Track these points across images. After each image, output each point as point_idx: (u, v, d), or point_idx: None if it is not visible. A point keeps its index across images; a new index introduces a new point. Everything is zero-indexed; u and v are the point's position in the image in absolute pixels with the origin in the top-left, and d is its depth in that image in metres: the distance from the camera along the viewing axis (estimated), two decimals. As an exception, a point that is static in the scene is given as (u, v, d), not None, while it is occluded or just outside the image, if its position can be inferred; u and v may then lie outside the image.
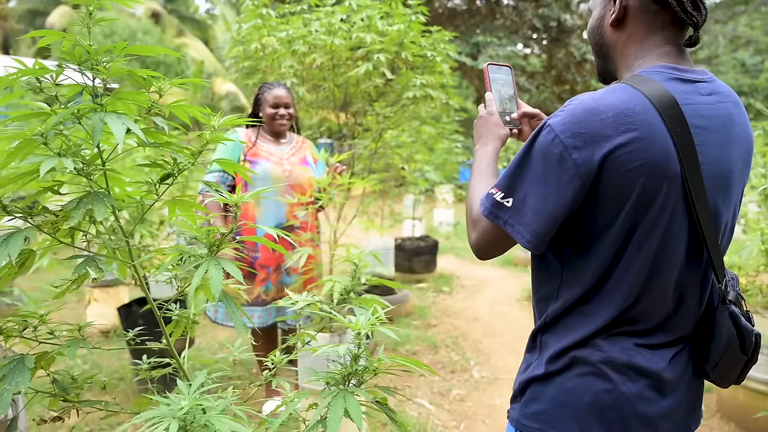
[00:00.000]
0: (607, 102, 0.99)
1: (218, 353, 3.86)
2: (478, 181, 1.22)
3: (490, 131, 1.33)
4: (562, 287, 1.09)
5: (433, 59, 3.40)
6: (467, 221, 1.18)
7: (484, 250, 1.14)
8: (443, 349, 3.97)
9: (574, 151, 0.97)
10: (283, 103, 2.85)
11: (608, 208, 1.00)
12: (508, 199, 1.05)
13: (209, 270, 1.08)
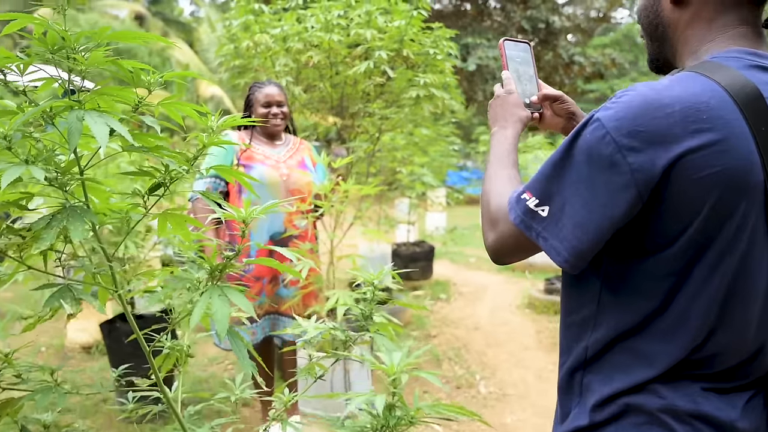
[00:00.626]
0: (673, 93, 0.80)
1: (208, 368, 3.65)
2: (496, 170, 1.05)
3: (509, 112, 1.15)
4: (602, 313, 0.90)
5: (435, 57, 3.22)
6: (483, 218, 0.99)
7: (503, 255, 0.97)
8: (446, 362, 3.79)
9: (630, 153, 0.79)
10: (276, 102, 2.66)
11: (670, 224, 0.81)
12: (544, 207, 0.87)
13: (213, 302, 0.88)
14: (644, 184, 0.79)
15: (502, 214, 0.94)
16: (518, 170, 1.11)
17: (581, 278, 0.93)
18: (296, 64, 3.06)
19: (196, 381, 3.38)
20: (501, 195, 0.98)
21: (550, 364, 3.77)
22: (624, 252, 0.87)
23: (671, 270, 0.84)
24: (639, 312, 0.87)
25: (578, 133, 0.85)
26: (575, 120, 1.25)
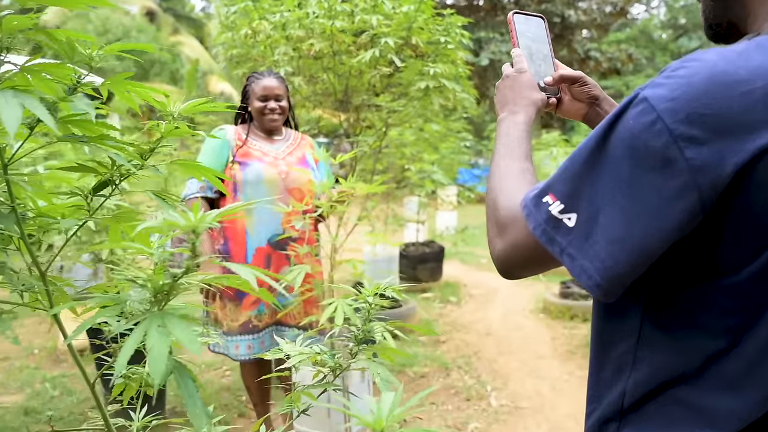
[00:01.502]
0: (753, 64, 0.59)
1: (205, 374, 3.47)
2: (506, 164, 0.86)
3: (520, 95, 0.95)
4: (643, 349, 0.70)
5: (446, 46, 3.00)
6: (489, 221, 0.80)
7: (514, 269, 0.76)
8: (455, 371, 3.58)
9: (690, 146, 0.58)
10: (274, 95, 2.45)
11: (741, 242, 0.61)
12: (570, 215, 0.66)
13: (149, 336, 0.68)
14: (709, 188, 0.58)
15: (514, 218, 0.74)
16: (533, 163, 0.90)
17: (617, 304, 0.72)
18: (297, 53, 2.86)
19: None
20: (513, 194, 0.78)
21: (565, 373, 3.55)
22: (675, 275, 0.67)
23: (740, 301, 0.63)
24: (694, 353, 0.67)
25: (617, 117, 0.64)
26: (599, 106, 1.04)
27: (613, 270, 0.63)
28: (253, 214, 2.39)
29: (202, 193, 2.39)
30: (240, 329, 2.42)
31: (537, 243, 0.70)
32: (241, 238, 2.39)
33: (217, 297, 2.38)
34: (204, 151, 2.45)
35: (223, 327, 2.44)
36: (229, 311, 2.42)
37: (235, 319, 2.42)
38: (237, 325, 2.42)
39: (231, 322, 2.42)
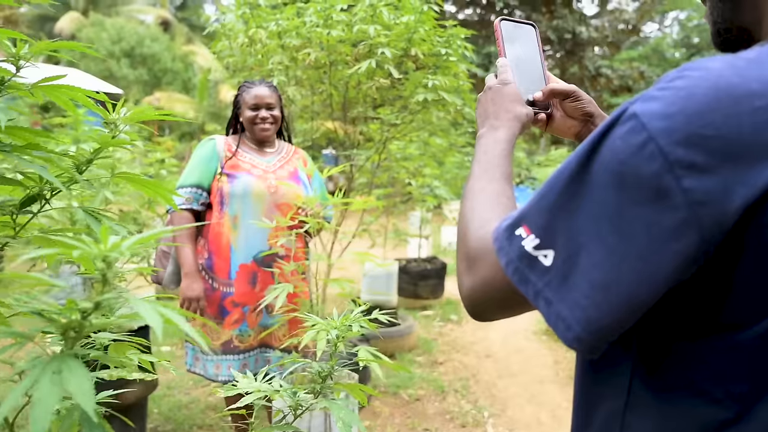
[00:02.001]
0: (764, 77, 0.48)
1: (192, 392, 3.36)
2: (481, 186, 0.75)
3: (502, 108, 0.85)
4: (633, 411, 0.60)
5: (447, 58, 2.91)
6: (459, 253, 0.69)
7: (484, 311, 0.66)
8: (451, 394, 3.44)
9: (689, 174, 0.47)
10: (265, 104, 2.36)
11: (753, 290, 0.50)
12: (547, 251, 0.56)
13: (37, 386, 0.57)
14: (712, 226, 0.48)
15: (485, 251, 0.64)
16: (512, 186, 0.79)
17: (602, 356, 0.61)
18: (293, 62, 2.77)
19: (175, 406, 3.09)
20: (485, 222, 0.68)
21: (566, 400, 3.40)
22: (670, 326, 0.56)
23: (748, 365, 0.52)
24: (692, 423, 0.56)
25: (601, 137, 0.53)
26: (593, 123, 0.94)
27: (596, 321, 0.52)
28: (238, 229, 2.29)
29: (188, 205, 2.30)
30: (222, 349, 2.31)
31: (509, 283, 0.59)
32: (225, 253, 2.29)
33: (197, 313, 2.27)
34: (192, 162, 2.36)
35: (202, 346, 2.33)
36: (210, 329, 2.31)
37: (216, 337, 2.31)
38: (218, 344, 2.31)
39: (212, 341, 2.31)
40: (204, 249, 2.33)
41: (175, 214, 2.30)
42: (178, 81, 21.52)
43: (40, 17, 25.88)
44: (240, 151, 2.38)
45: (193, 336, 0.56)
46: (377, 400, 3.25)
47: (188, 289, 2.22)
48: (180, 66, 21.66)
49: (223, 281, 2.30)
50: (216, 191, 2.32)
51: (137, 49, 20.66)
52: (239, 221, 2.29)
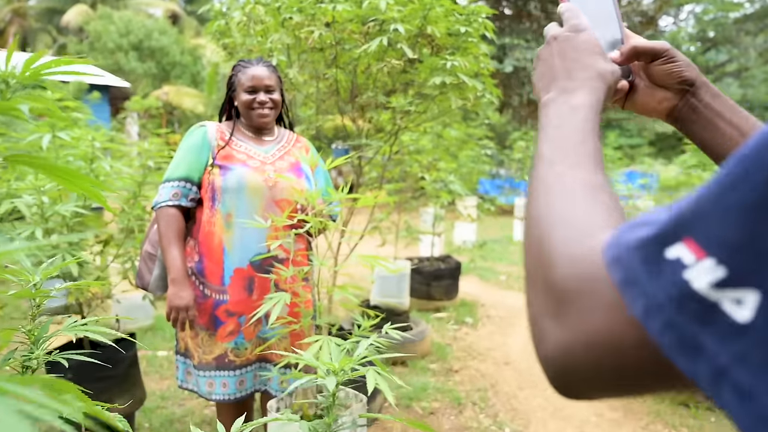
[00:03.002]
0: None
1: (186, 403, 3.11)
2: (561, 176, 0.49)
3: (578, 63, 0.58)
4: None
5: (467, 38, 2.62)
6: (533, 282, 0.44)
7: (579, 381, 0.40)
8: (469, 407, 3.16)
9: None
10: (264, 86, 2.08)
11: None
12: (744, 292, 0.27)
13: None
14: None
15: (589, 282, 0.38)
16: (607, 176, 0.50)
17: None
18: (294, 40, 2.49)
19: (167, 420, 2.83)
20: (581, 233, 0.42)
21: (594, 415, 3.11)
22: None
23: None
24: None
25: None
26: (695, 96, 0.65)
27: None
28: (232, 228, 2.01)
29: (176, 201, 2.02)
30: (215, 363, 2.04)
31: (646, 345, 0.33)
32: (218, 256, 2.02)
33: (186, 324, 2.00)
34: (179, 153, 2.08)
35: (194, 359, 2.06)
36: (202, 341, 2.04)
37: (209, 351, 2.04)
38: (211, 358, 2.04)
39: (204, 354, 2.04)
40: (194, 251, 2.06)
41: (160, 212, 2.02)
42: (186, 74, 21.33)
43: (47, 10, 25.82)
44: (234, 140, 2.11)
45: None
46: (388, 413, 2.98)
47: (175, 297, 1.95)
48: (189, 59, 21.47)
49: (216, 287, 2.03)
50: (207, 185, 2.05)
51: (145, 42, 20.48)
52: (233, 219, 2.01)
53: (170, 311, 1.96)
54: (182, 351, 2.12)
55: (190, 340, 2.06)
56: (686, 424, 2.98)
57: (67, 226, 2.21)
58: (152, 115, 16.74)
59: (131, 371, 2.44)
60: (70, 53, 21.57)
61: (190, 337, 2.06)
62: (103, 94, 16.17)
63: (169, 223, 2.00)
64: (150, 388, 3.18)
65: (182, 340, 2.10)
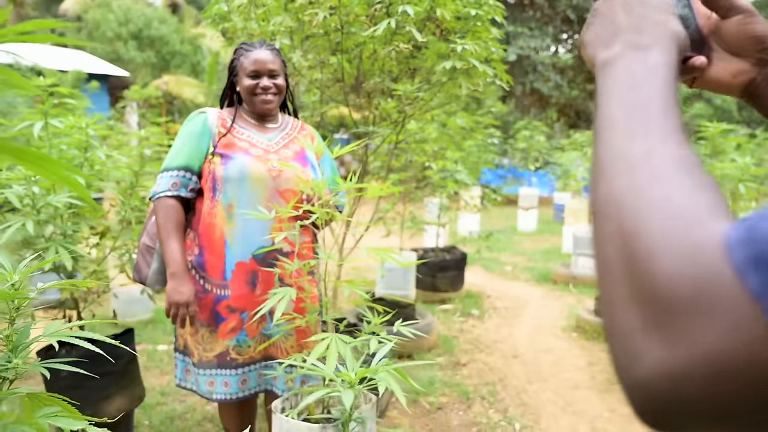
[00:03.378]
0: None
1: (187, 399, 3.03)
2: (648, 149, 0.39)
3: (648, 17, 0.48)
4: None
5: (476, 22, 2.51)
6: (619, 287, 0.35)
7: (682, 413, 0.31)
8: (477, 402, 3.08)
9: None
10: (267, 71, 1.98)
11: None
12: None
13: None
14: None
15: (710, 280, 0.30)
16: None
17: None
18: (298, 24, 2.38)
19: (167, 417, 2.75)
20: (684, 219, 0.33)
21: (606, 410, 3.03)
22: None
23: None
24: None
25: None
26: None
27: None
28: (234, 220, 1.91)
29: (175, 191, 1.93)
30: (216, 361, 1.95)
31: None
32: (219, 249, 1.92)
33: (187, 320, 1.91)
34: (179, 140, 1.98)
35: (194, 357, 1.97)
36: (203, 338, 1.95)
37: (209, 348, 1.95)
38: (212, 356, 1.95)
39: (204, 352, 1.95)
40: (194, 244, 1.97)
41: (159, 203, 1.93)
42: (186, 64, 21.14)
43: (45, 0, 25.59)
44: (236, 127, 2.01)
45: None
46: (395, 409, 2.90)
47: (175, 292, 1.86)
48: (189, 49, 21.27)
49: (217, 282, 1.93)
50: (207, 175, 1.95)
51: (145, 31, 20.29)
52: (235, 211, 1.91)
53: (169, 307, 1.87)
54: (181, 348, 2.03)
55: (189, 337, 1.98)
56: (701, 419, 2.90)
57: (60, 217, 2.12)
58: (152, 104, 16.61)
59: (130, 368, 2.36)
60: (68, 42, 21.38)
61: (189, 334, 1.97)
62: (102, 83, 16.02)
63: (167, 215, 1.91)
64: (150, 384, 3.10)
65: (181, 337, 2.01)
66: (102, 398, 2.25)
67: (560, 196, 10.44)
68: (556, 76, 14.36)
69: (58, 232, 2.13)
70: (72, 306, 2.33)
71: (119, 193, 2.34)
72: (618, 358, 0.35)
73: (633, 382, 0.33)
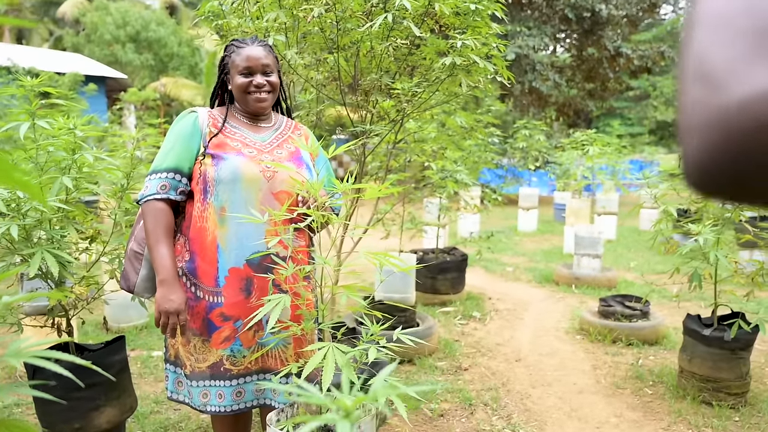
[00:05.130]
0: None
1: (183, 407, 2.95)
2: None
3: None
4: None
5: (475, 17, 2.44)
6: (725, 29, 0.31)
7: (756, 164, 0.29)
8: (480, 408, 3.00)
9: None
10: (260, 67, 1.90)
11: None
12: None
13: None
14: None
15: None
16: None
17: None
18: (293, 20, 2.31)
19: (161, 426, 2.67)
20: None
21: (613, 415, 2.96)
22: None
23: None
24: None
25: None
26: None
27: None
28: (227, 224, 1.83)
29: (164, 194, 1.84)
30: (210, 372, 1.86)
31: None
32: (211, 255, 1.84)
33: (178, 330, 1.83)
34: (168, 141, 1.90)
35: (186, 368, 1.89)
36: (195, 348, 1.86)
37: (202, 358, 1.86)
38: (205, 367, 1.86)
39: (197, 363, 1.87)
40: (184, 249, 1.89)
41: (147, 206, 1.84)
42: (184, 66, 21.06)
43: (43, 2, 25.54)
44: (228, 126, 1.93)
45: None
46: (396, 416, 2.82)
47: (164, 300, 1.77)
48: (186, 51, 21.18)
49: (210, 289, 1.85)
50: (198, 176, 1.87)
51: (143, 33, 20.21)
52: (227, 214, 1.83)
53: (159, 316, 1.79)
54: (172, 359, 1.95)
55: (181, 347, 1.89)
56: (710, 424, 2.83)
57: (48, 221, 2.04)
58: (149, 107, 16.52)
59: (120, 377, 2.28)
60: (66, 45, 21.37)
61: (181, 344, 1.89)
62: (99, 86, 15.93)
63: (156, 219, 1.83)
64: (144, 392, 3.03)
65: (172, 347, 1.93)
66: (91, 409, 2.17)
67: (560, 196, 10.37)
68: (555, 75, 14.28)
69: (45, 237, 2.06)
70: (61, 314, 2.25)
71: (110, 195, 2.26)
72: (703, 94, 0.31)
73: (724, 106, 0.30)
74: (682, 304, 4.81)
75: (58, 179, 1.98)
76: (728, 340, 2.95)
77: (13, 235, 1.78)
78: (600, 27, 14.62)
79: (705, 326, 3.10)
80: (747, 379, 3.03)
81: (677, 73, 0.34)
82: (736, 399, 3.01)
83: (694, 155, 0.31)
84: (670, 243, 3.33)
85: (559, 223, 9.69)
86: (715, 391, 3.02)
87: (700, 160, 0.31)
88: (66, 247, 2.08)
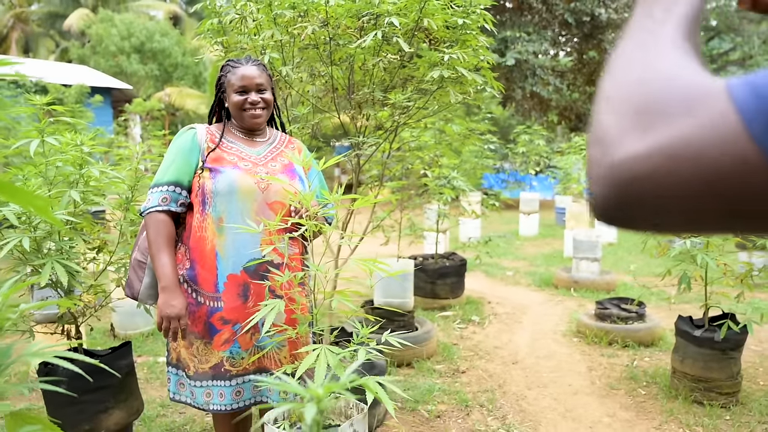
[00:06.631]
0: None
1: (188, 410, 3.04)
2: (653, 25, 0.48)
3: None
4: None
5: (465, 31, 2.54)
6: (618, 100, 0.43)
7: (641, 199, 0.40)
8: (476, 409, 3.08)
9: None
10: (255, 85, 2.01)
11: None
12: None
13: None
14: None
15: (694, 96, 0.40)
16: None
17: None
18: (287, 36, 2.41)
19: (167, 429, 2.77)
20: (678, 66, 0.42)
21: (606, 415, 3.03)
22: None
23: None
24: None
25: None
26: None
27: None
28: (224, 233, 1.93)
29: (165, 206, 1.95)
30: (211, 373, 1.96)
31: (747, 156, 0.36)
32: (211, 263, 1.94)
33: (179, 333, 1.93)
34: (169, 156, 2.01)
35: (189, 370, 1.99)
36: (198, 350, 1.97)
37: (205, 360, 1.97)
38: (208, 368, 1.97)
39: (200, 364, 1.97)
40: (185, 257, 1.99)
41: (149, 218, 1.95)
42: (189, 76, 21.28)
43: (49, 15, 25.85)
44: (225, 142, 2.03)
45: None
46: (393, 418, 2.91)
47: (166, 305, 1.88)
48: (190, 60, 21.41)
49: (210, 294, 1.95)
50: (197, 189, 1.98)
51: (147, 44, 20.43)
52: (225, 224, 1.94)
53: (161, 321, 1.89)
54: (174, 362, 2.05)
55: (184, 350, 2.00)
56: (700, 423, 2.90)
57: (57, 233, 2.15)
58: (154, 117, 16.71)
59: (127, 380, 2.38)
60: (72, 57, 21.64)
61: (184, 347, 1.99)
62: (105, 97, 16.15)
63: (158, 229, 1.93)
64: (150, 396, 3.12)
65: (174, 350, 2.03)
66: (100, 411, 2.27)
67: (561, 200, 10.44)
68: (556, 79, 14.37)
69: (55, 248, 2.16)
70: (70, 321, 2.36)
71: (115, 207, 2.37)
72: (596, 155, 0.42)
73: (607, 165, 0.40)
74: (680, 307, 4.88)
75: (67, 193, 2.09)
76: (718, 341, 3.02)
77: (24, 247, 1.89)
78: (600, 31, 14.71)
79: (696, 327, 3.18)
80: (738, 378, 3.10)
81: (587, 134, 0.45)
82: (728, 398, 3.08)
83: (597, 199, 0.42)
84: (661, 246, 3.41)
85: (560, 227, 9.75)
86: (706, 390, 3.09)
87: (600, 202, 0.42)
88: (74, 257, 2.18)
